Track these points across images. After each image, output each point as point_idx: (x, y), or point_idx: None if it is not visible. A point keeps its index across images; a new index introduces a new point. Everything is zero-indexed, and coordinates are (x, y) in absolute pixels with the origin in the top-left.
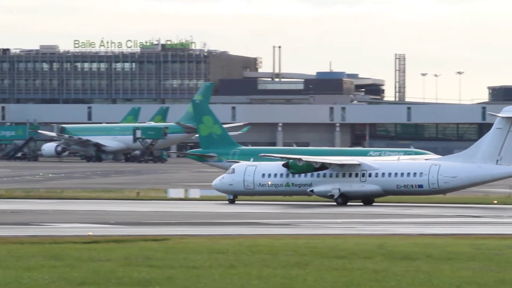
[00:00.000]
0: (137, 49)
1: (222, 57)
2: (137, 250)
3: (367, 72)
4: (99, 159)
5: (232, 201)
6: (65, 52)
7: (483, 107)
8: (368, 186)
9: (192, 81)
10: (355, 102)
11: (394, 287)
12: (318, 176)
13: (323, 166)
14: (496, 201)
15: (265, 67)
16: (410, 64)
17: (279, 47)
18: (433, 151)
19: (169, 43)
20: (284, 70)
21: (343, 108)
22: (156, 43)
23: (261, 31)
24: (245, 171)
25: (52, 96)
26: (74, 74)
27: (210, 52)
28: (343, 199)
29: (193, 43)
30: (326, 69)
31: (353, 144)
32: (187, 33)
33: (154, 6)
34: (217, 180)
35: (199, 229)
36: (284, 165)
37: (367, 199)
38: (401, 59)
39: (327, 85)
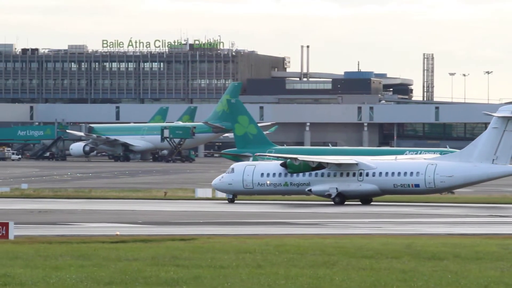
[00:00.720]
0: (165, 49)
1: (250, 57)
2: (164, 250)
3: (395, 72)
4: (127, 158)
5: (231, 201)
6: (93, 52)
7: None
8: (366, 186)
9: (220, 81)
10: (383, 102)
11: (422, 287)
12: (316, 175)
13: (320, 166)
14: None
15: (293, 67)
16: (439, 63)
17: (307, 46)
18: None
19: (197, 43)
20: (312, 70)
21: (371, 108)
22: (184, 42)
23: (289, 31)
24: (244, 170)
25: (80, 96)
26: (102, 74)
27: (238, 51)
28: (341, 198)
29: (221, 42)
30: (354, 68)
31: (381, 144)
32: (216, 32)
33: (183, 6)
34: (216, 180)
35: (226, 228)
36: (282, 164)
37: (364, 198)
38: (429, 59)
39: (355, 84)
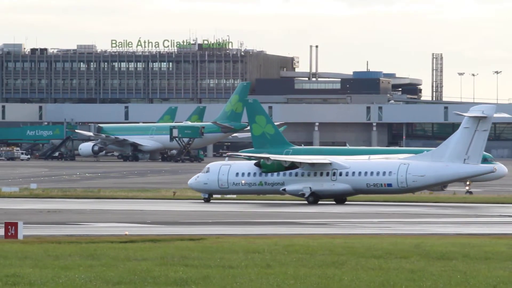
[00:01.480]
0: (174, 49)
1: (259, 56)
2: (173, 250)
3: (404, 72)
4: (135, 158)
5: (207, 200)
6: (102, 52)
7: None
8: (339, 185)
9: (229, 81)
10: (392, 101)
11: (430, 287)
12: (290, 175)
13: (293, 165)
14: None
15: (302, 67)
16: (448, 63)
17: (316, 46)
18: None
19: (206, 42)
20: (321, 70)
21: (380, 108)
22: (193, 42)
23: (298, 31)
24: (220, 170)
25: (89, 96)
26: (111, 74)
27: (247, 51)
28: (314, 198)
29: (230, 42)
30: (363, 68)
31: (390, 144)
32: (224, 32)
33: (191, 5)
34: (192, 179)
35: (235, 228)
36: (256, 164)
37: (338, 198)
38: (438, 59)
39: (364, 84)
